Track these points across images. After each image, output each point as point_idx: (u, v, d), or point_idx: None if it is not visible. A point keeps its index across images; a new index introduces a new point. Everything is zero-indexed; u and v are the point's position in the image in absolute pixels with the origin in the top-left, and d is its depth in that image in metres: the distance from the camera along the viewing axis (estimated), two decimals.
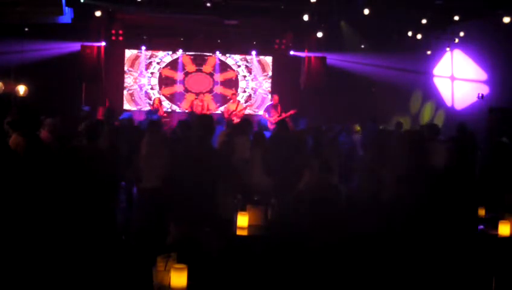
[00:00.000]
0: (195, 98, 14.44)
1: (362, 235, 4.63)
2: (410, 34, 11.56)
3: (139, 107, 14.29)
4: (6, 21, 10.43)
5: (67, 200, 4.73)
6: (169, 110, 14.69)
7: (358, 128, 10.01)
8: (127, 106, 14.43)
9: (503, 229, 4.88)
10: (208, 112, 13.08)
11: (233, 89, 15.12)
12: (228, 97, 14.90)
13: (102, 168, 5.35)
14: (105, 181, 5.50)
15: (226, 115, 12.50)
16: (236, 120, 11.84)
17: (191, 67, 15.04)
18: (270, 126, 11.57)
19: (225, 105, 14.33)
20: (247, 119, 8.14)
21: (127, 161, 6.79)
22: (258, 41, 14.85)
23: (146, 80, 14.85)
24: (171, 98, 14.98)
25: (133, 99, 14.75)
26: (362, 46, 13.59)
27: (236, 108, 13.09)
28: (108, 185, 5.99)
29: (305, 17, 10.57)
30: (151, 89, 14.88)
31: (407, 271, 4.92)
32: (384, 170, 5.53)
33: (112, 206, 6.14)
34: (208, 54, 15.01)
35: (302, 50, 14.13)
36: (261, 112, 14.50)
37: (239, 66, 15.31)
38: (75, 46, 12.78)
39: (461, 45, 11.26)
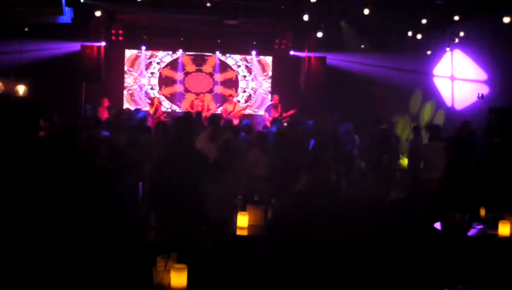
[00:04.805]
0: (195, 98, 14.45)
1: (362, 234, 4.63)
2: (410, 34, 11.55)
3: (139, 107, 14.27)
4: (6, 21, 10.43)
5: (69, 200, 4.73)
6: (169, 110, 14.70)
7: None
8: (127, 105, 14.43)
9: (503, 229, 4.87)
10: (208, 112, 13.10)
11: (233, 89, 15.14)
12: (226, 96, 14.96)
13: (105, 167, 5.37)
14: (110, 180, 5.53)
15: (224, 116, 12.50)
16: (234, 121, 11.87)
17: (191, 67, 15.05)
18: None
19: (222, 106, 14.35)
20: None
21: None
22: (258, 41, 14.86)
23: (146, 80, 14.86)
24: (171, 98, 14.98)
25: (133, 99, 14.76)
26: (362, 46, 13.58)
27: (234, 109, 13.10)
28: (113, 185, 6.01)
29: (305, 17, 10.56)
30: (151, 89, 14.89)
31: (410, 271, 4.93)
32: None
33: (115, 205, 6.16)
34: (208, 54, 15.02)
35: (302, 50, 14.12)
36: (261, 112, 14.52)
37: (239, 66, 15.31)
38: (75, 46, 12.77)
39: (461, 45, 11.24)
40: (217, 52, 14.96)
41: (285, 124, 11.55)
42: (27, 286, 3.74)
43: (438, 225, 5.21)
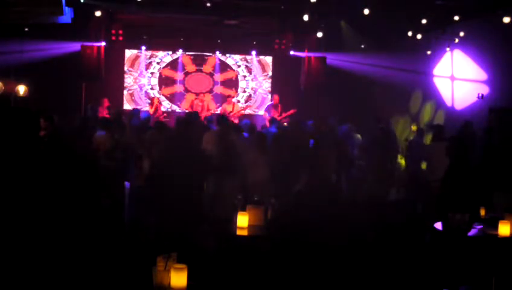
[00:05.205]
0: (195, 98, 14.44)
1: (362, 234, 4.63)
2: (410, 34, 11.55)
3: (139, 107, 14.27)
4: (6, 21, 10.43)
5: (68, 200, 4.73)
6: (169, 110, 14.70)
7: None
8: (127, 105, 14.44)
9: (503, 229, 4.87)
10: (208, 112, 13.12)
11: (233, 89, 15.14)
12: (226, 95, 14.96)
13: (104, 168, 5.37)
14: (108, 181, 5.53)
15: None
16: (234, 121, 11.88)
17: (191, 67, 15.04)
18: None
19: (221, 107, 14.35)
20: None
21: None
22: (258, 41, 14.85)
23: (146, 80, 14.85)
24: (171, 98, 14.98)
25: (133, 99, 14.75)
26: (362, 46, 13.59)
27: (233, 109, 13.10)
28: (111, 185, 6.01)
29: (305, 17, 10.56)
30: (151, 89, 14.88)
31: (411, 271, 4.93)
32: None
33: (113, 205, 6.16)
34: (208, 54, 15.01)
35: (302, 50, 14.13)
36: (261, 112, 14.53)
37: (239, 66, 15.31)
38: (75, 46, 12.78)
39: (461, 45, 11.24)
40: (217, 52, 14.96)
41: (285, 123, 11.57)
42: (27, 285, 3.74)
43: (438, 225, 5.21)
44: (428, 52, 12.05)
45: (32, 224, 3.97)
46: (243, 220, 4.89)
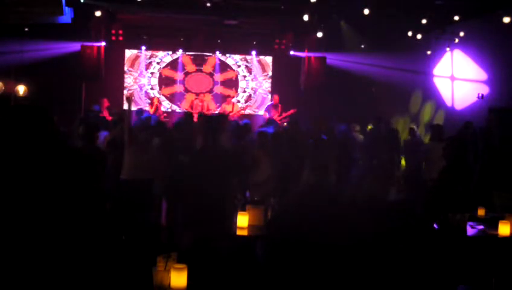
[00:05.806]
0: (195, 98, 14.45)
1: (362, 234, 4.63)
2: (410, 34, 11.56)
3: (139, 107, 14.27)
4: (6, 21, 10.43)
5: (66, 201, 4.72)
6: (169, 110, 14.70)
7: (357, 128, 10.07)
8: (126, 106, 14.41)
9: (503, 229, 4.87)
10: (208, 112, 13.11)
11: (233, 89, 15.14)
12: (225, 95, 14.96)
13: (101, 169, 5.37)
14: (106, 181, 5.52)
15: None
16: None
17: (191, 67, 15.05)
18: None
19: (220, 107, 14.37)
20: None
21: None
22: (258, 41, 14.86)
23: (146, 80, 14.86)
24: (171, 98, 14.98)
25: (133, 99, 14.74)
26: (362, 46, 13.59)
27: (233, 109, 13.11)
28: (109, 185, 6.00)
29: (305, 17, 10.57)
30: (151, 89, 14.89)
31: (410, 271, 4.92)
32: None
33: (111, 205, 6.16)
34: (208, 54, 15.02)
35: (302, 50, 14.13)
36: (261, 112, 14.53)
37: (239, 66, 15.31)
38: (75, 46, 12.79)
39: (461, 45, 11.25)
40: (217, 52, 14.96)
41: (285, 123, 11.57)
42: (26, 285, 3.74)
43: (437, 225, 5.21)
44: (428, 52, 12.05)
45: (34, 224, 3.96)
46: (243, 220, 4.89)
